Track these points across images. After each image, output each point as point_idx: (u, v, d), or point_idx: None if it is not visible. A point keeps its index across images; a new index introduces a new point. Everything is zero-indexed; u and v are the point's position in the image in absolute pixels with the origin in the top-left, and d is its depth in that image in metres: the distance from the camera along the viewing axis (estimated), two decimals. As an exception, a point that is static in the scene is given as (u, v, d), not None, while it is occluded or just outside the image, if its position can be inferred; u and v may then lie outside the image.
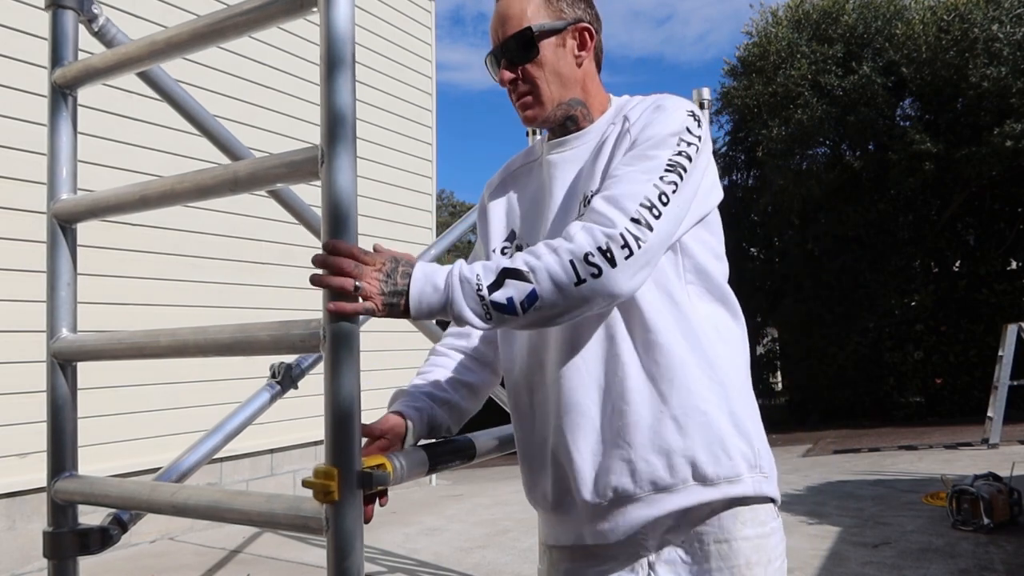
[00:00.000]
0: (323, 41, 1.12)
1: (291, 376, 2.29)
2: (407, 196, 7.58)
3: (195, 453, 1.92)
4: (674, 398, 1.23)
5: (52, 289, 1.51)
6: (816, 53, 12.96)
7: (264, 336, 1.22)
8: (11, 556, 4.40)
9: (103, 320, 4.82)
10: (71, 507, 1.48)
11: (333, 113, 1.11)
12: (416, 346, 7.30)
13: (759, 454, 1.28)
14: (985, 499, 4.72)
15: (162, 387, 5.23)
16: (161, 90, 2.09)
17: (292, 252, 6.14)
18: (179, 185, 1.35)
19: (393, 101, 7.43)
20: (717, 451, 1.24)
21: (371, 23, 7.18)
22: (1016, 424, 9.36)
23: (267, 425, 5.56)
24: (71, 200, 1.51)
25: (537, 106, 1.35)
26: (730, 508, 1.24)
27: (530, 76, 1.34)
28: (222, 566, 4.51)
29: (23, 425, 4.41)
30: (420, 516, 5.80)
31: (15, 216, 4.50)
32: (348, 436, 1.10)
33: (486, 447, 1.50)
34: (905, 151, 12.25)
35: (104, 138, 4.95)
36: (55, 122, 1.54)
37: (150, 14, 5.20)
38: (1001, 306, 12.24)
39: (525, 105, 1.36)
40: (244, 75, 5.94)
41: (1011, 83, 11.25)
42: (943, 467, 7.06)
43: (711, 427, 1.24)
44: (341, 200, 1.11)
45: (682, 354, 1.24)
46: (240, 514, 1.22)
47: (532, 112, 1.36)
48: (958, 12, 11.80)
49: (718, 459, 1.23)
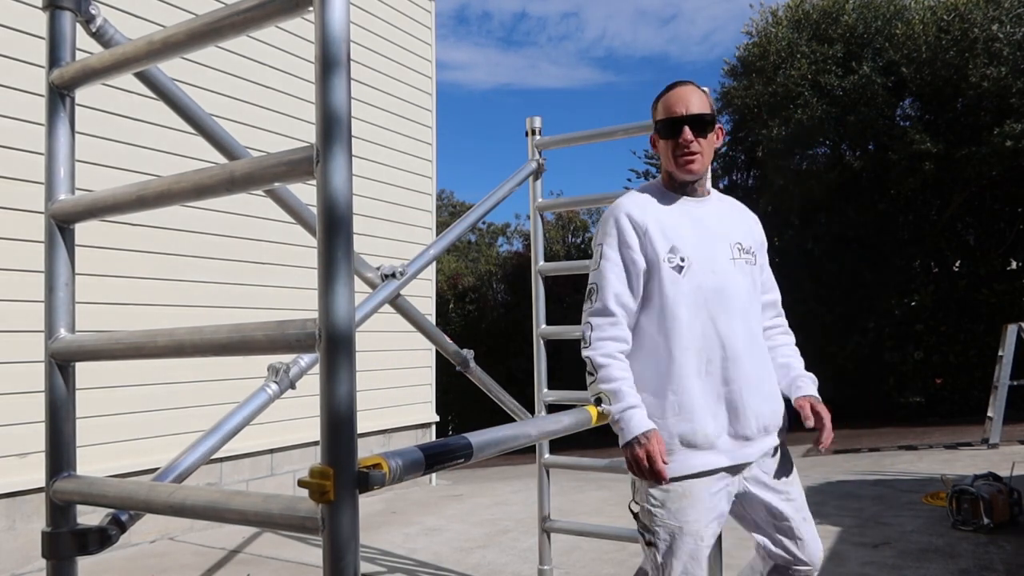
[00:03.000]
0: (318, 40, 1.12)
1: (289, 376, 2.29)
2: (407, 196, 7.58)
3: (193, 453, 1.92)
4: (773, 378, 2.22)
5: (50, 289, 1.51)
6: (816, 53, 12.95)
7: (260, 336, 1.22)
8: (11, 556, 4.40)
9: (101, 320, 4.83)
10: (70, 507, 1.49)
11: (328, 112, 1.12)
12: (413, 346, 7.31)
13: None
14: (985, 499, 4.72)
15: (160, 387, 5.23)
16: (158, 89, 2.09)
17: (291, 252, 6.14)
18: (176, 185, 1.36)
19: (393, 101, 7.43)
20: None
21: (371, 23, 7.18)
22: (1016, 424, 9.35)
23: (267, 425, 5.57)
24: (69, 200, 1.51)
25: (699, 164, 2.10)
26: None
27: (703, 145, 2.10)
28: (222, 566, 4.51)
29: (23, 425, 4.42)
30: (420, 516, 5.80)
31: (13, 216, 4.50)
32: (344, 436, 1.10)
33: (483, 447, 1.50)
34: (905, 151, 12.25)
35: (102, 138, 4.95)
36: (53, 122, 1.54)
37: (148, 14, 5.20)
38: (1001, 306, 12.24)
39: (693, 161, 2.09)
40: (241, 74, 5.94)
41: (1011, 83, 11.25)
42: (943, 467, 7.06)
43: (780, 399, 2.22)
44: (337, 199, 1.11)
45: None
46: (237, 514, 1.22)
47: (696, 167, 2.11)
48: (958, 12, 11.80)
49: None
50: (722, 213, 2.19)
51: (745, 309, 2.10)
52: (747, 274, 2.13)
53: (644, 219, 2.07)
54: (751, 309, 2.13)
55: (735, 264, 2.10)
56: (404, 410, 7.29)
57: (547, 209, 3.83)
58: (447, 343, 3.25)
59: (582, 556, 4.31)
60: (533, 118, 3.72)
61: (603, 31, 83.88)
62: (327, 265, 1.13)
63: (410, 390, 7.42)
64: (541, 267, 3.67)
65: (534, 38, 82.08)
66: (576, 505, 5.93)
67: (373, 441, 6.91)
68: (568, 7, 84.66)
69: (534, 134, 3.71)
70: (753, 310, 2.15)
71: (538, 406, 3.62)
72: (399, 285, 2.73)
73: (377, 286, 2.72)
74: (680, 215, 2.11)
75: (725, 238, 2.12)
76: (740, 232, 2.18)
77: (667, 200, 2.13)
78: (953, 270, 13.78)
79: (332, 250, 1.12)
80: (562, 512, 3.79)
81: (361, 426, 1.20)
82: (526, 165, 3.64)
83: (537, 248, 3.71)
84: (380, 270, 2.74)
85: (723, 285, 2.06)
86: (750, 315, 2.12)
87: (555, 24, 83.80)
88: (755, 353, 2.10)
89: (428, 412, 7.66)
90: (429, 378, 7.68)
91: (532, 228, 3.79)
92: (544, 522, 3.61)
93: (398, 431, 7.24)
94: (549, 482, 3.66)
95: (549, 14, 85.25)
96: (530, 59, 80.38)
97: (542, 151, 3.70)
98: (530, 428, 1.96)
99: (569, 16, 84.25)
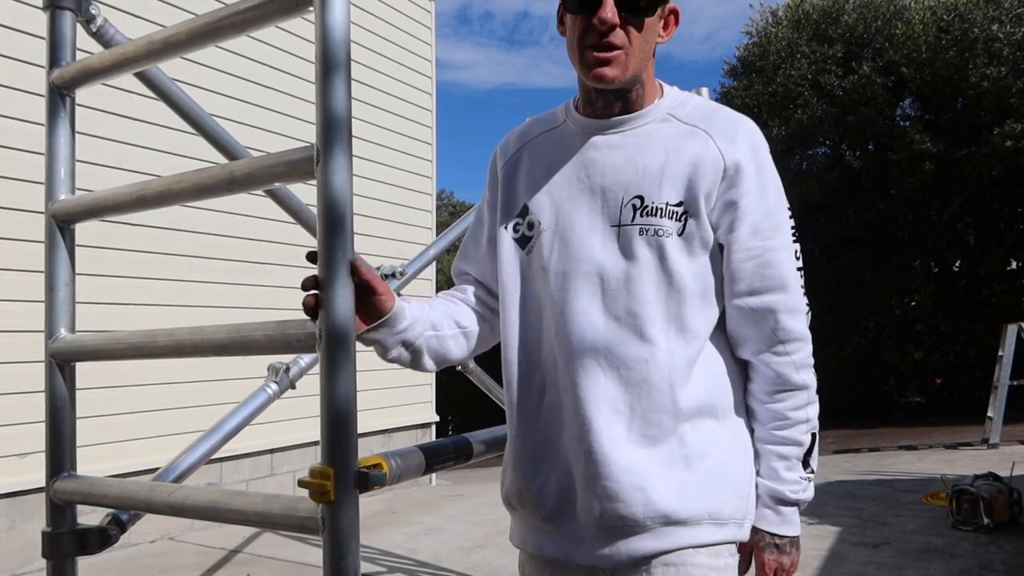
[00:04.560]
0: (318, 40, 1.12)
1: (289, 376, 2.29)
2: (407, 196, 7.58)
3: (193, 453, 1.92)
4: None
5: (50, 289, 1.51)
6: (816, 53, 12.95)
7: (260, 336, 1.22)
8: (11, 556, 4.40)
9: (101, 320, 4.82)
10: (70, 507, 1.49)
11: (329, 112, 1.11)
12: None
13: None
14: (985, 499, 4.72)
15: (160, 387, 5.23)
16: (158, 89, 2.09)
17: (291, 252, 6.14)
18: (177, 185, 1.36)
19: (393, 101, 7.43)
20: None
21: (371, 23, 7.18)
22: (1016, 424, 9.35)
23: (267, 425, 5.56)
24: (69, 200, 1.51)
25: (618, 68, 1.24)
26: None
27: (631, 37, 1.23)
28: (222, 566, 4.51)
29: (23, 425, 4.41)
30: (420, 516, 5.80)
31: (13, 216, 4.50)
32: (344, 436, 1.10)
33: (483, 447, 1.50)
34: (905, 151, 12.25)
35: (102, 138, 4.95)
36: (53, 122, 1.54)
37: (148, 14, 5.20)
38: (1001, 306, 12.23)
39: (606, 61, 1.23)
40: (241, 74, 5.94)
41: (1011, 83, 11.25)
42: (943, 467, 7.05)
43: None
44: (337, 199, 1.11)
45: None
46: (237, 514, 1.22)
47: (611, 72, 1.24)
48: (958, 12, 11.80)
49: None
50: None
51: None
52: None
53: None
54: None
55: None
56: (404, 410, 7.29)
57: (547, 209, 3.83)
58: (447, 343, 3.24)
59: (582, 556, 4.31)
60: (533, 118, 3.72)
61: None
62: (327, 265, 1.13)
63: (410, 390, 7.42)
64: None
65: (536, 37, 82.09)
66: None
67: (373, 441, 6.91)
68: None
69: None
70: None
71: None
72: (399, 285, 2.73)
73: (377, 286, 2.71)
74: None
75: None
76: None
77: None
78: (953, 270, 13.78)
79: (332, 250, 1.12)
80: (562, 512, 3.76)
81: (361, 426, 1.20)
82: (526, 165, 3.64)
83: (537, 248, 3.71)
84: (380, 270, 2.74)
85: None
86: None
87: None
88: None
89: (428, 412, 7.66)
90: (429, 378, 7.67)
91: (532, 228, 3.78)
92: (544, 522, 3.61)
93: (398, 431, 7.24)
94: (549, 482, 3.65)
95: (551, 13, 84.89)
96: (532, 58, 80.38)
97: (542, 151, 3.70)
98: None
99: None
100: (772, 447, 1.29)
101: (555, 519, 1.29)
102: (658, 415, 1.23)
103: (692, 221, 1.24)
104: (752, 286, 1.26)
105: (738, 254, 1.26)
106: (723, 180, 1.25)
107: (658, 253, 1.24)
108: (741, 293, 1.27)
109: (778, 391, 1.29)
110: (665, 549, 1.23)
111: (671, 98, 1.32)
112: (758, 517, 1.29)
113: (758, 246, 1.26)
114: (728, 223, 1.26)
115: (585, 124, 1.32)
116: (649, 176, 1.25)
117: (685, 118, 1.29)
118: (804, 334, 1.29)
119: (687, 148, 1.26)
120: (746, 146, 1.27)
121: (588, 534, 1.26)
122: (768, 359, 1.28)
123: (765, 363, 1.28)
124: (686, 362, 1.25)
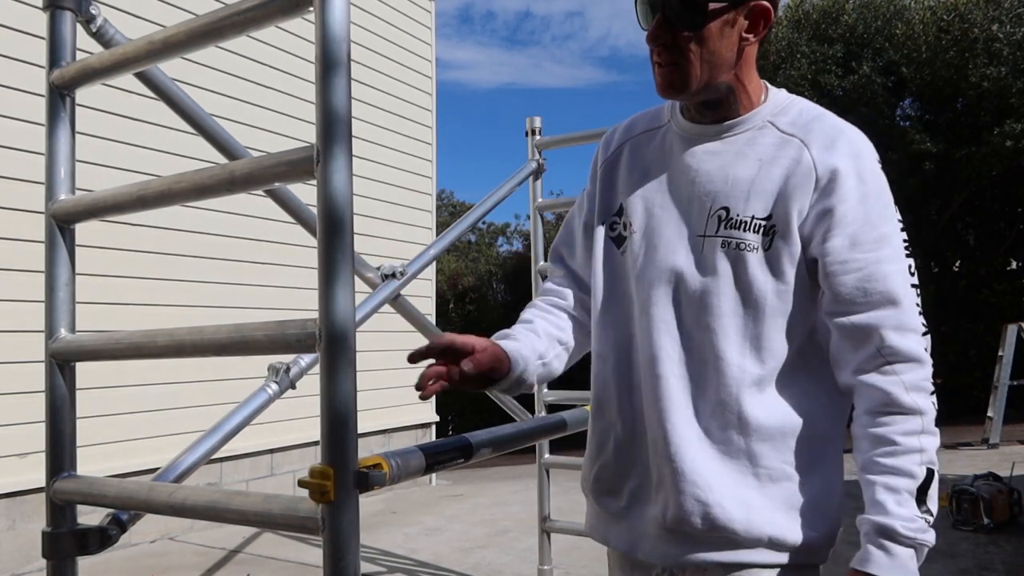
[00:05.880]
0: (318, 40, 1.12)
1: (289, 376, 2.29)
2: (407, 196, 7.58)
3: (193, 453, 1.92)
4: None
5: (50, 289, 1.51)
6: (816, 53, 12.95)
7: (260, 336, 1.22)
8: (11, 556, 4.40)
9: (101, 320, 4.82)
10: (70, 507, 1.49)
11: (329, 112, 1.11)
12: (413, 346, 7.30)
13: None
14: (985, 499, 4.72)
15: (160, 387, 5.23)
16: (158, 89, 2.09)
17: (291, 252, 6.14)
18: (177, 185, 1.36)
19: (393, 101, 7.44)
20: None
21: (371, 23, 7.19)
22: (1016, 424, 9.35)
23: (267, 425, 5.57)
24: (69, 200, 1.51)
25: (678, 83, 1.21)
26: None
27: (684, 48, 1.18)
28: (222, 566, 4.51)
29: (23, 425, 4.42)
30: (420, 516, 5.80)
31: (13, 216, 4.50)
32: (344, 436, 1.10)
33: (483, 447, 1.50)
34: (905, 151, 12.25)
35: (102, 138, 4.95)
36: (53, 123, 1.54)
37: (148, 14, 5.20)
38: (1001, 306, 12.24)
39: (664, 77, 1.21)
40: (241, 74, 5.94)
41: (1011, 83, 11.25)
42: (943, 467, 7.05)
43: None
44: (337, 199, 1.11)
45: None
46: (237, 514, 1.22)
47: (670, 90, 1.22)
48: (958, 12, 11.80)
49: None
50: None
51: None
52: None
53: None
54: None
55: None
56: (404, 410, 7.29)
57: (547, 209, 3.84)
58: (447, 343, 3.24)
59: (582, 556, 4.31)
60: (533, 118, 3.73)
61: (607, 30, 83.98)
62: (327, 265, 1.12)
63: (410, 390, 7.32)
64: (541, 267, 3.67)
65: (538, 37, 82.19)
66: (576, 505, 5.92)
67: (373, 441, 6.91)
68: (572, 6, 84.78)
69: (534, 134, 3.72)
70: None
71: (538, 406, 3.62)
72: (399, 285, 2.73)
73: (377, 286, 2.72)
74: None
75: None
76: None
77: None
78: (953, 270, 13.78)
79: (332, 250, 1.12)
80: (562, 512, 3.79)
81: (361, 426, 1.20)
82: (526, 165, 3.65)
83: (537, 248, 3.72)
84: (380, 270, 2.74)
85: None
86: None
87: (559, 23, 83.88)
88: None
89: (428, 412, 7.66)
90: (429, 378, 7.67)
91: (532, 228, 3.80)
92: (544, 522, 3.62)
93: (398, 431, 7.24)
94: (549, 482, 3.66)
95: (553, 13, 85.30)
96: (533, 58, 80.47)
97: (542, 151, 3.71)
98: (530, 428, 1.96)
99: (573, 15, 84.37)
100: (877, 477, 1.15)
101: (626, 514, 1.31)
102: (727, 431, 1.20)
103: (780, 236, 1.18)
104: (854, 302, 1.16)
105: (835, 267, 1.17)
106: (815, 190, 1.18)
107: (738, 267, 1.19)
108: (841, 311, 1.17)
109: (884, 413, 1.15)
110: (723, 562, 1.21)
111: (773, 103, 1.27)
112: (860, 559, 1.17)
113: (860, 259, 1.16)
114: (822, 233, 1.18)
115: (686, 128, 1.30)
116: (738, 187, 1.21)
117: (784, 126, 1.24)
118: (918, 354, 1.15)
119: (780, 159, 1.21)
120: (847, 153, 1.20)
121: (653, 532, 1.26)
122: (872, 379, 1.15)
123: (869, 383, 1.16)
124: (757, 380, 1.20)
